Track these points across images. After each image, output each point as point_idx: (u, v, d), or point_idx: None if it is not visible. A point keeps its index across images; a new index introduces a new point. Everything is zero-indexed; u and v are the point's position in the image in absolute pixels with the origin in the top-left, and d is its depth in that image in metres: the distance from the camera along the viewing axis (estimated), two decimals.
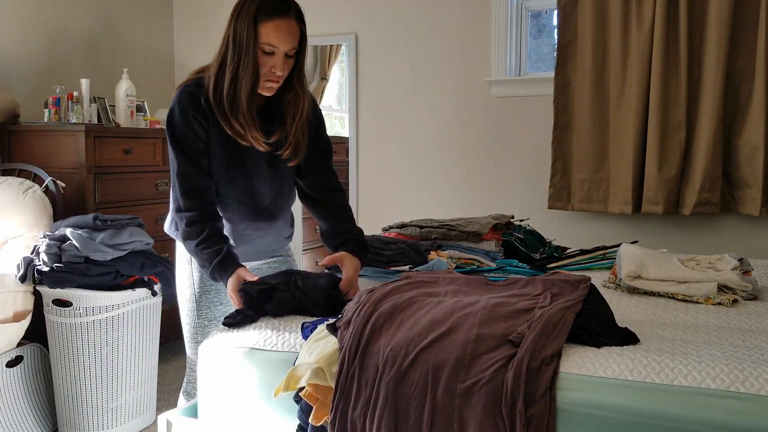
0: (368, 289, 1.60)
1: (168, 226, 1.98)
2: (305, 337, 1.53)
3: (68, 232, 2.44)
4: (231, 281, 1.72)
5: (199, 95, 1.79)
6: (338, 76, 4.33)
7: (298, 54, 1.81)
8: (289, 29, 1.75)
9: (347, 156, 3.92)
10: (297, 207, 2.21)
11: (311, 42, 3.92)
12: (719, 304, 1.81)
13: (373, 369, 1.36)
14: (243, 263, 1.81)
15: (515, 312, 1.46)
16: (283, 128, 1.86)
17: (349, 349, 1.39)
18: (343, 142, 3.89)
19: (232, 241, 1.90)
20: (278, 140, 1.86)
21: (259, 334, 1.57)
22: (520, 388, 1.24)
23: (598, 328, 1.44)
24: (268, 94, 1.82)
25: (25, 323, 2.41)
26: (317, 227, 2.12)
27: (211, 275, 1.76)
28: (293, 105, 1.86)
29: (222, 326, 1.66)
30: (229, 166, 1.85)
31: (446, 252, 2.24)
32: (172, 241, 3.39)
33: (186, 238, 1.80)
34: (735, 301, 1.83)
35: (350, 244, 1.89)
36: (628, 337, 1.44)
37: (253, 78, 1.75)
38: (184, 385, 1.96)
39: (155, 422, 2.64)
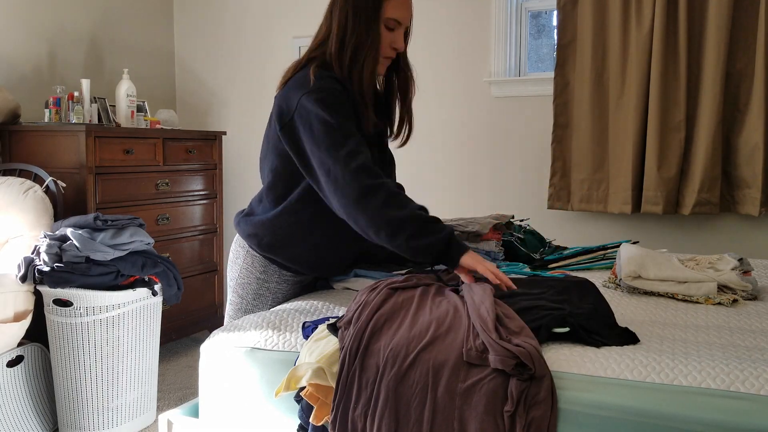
0: (369, 287, 1.60)
1: (243, 233, 1.86)
2: (306, 336, 1.54)
3: (69, 232, 2.44)
4: (473, 257, 1.57)
5: (336, 77, 1.72)
6: None
7: (406, 33, 1.79)
8: (410, 4, 1.74)
9: None
10: None
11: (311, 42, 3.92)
12: (719, 304, 1.81)
13: (374, 369, 1.36)
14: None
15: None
16: (386, 112, 1.83)
17: (349, 350, 1.40)
18: None
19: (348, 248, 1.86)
20: (379, 126, 1.82)
21: (260, 334, 1.58)
22: (522, 389, 1.24)
23: (598, 328, 1.44)
24: (381, 73, 1.80)
25: (26, 323, 2.42)
26: None
27: (447, 247, 1.56)
28: (404, 85, 1.84)
29: (234, 326, 1.66)
30: None
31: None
32: (172, 242, 3.41)
33: (399, 204, 1.58)
34: (735, 301, 1.83)
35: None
36: (628, 337, 1.44)
37: (377, 54, 1.71)
38: None
39: (156, 422, 2.64)
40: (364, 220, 1.60)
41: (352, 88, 1.73)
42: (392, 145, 1.90)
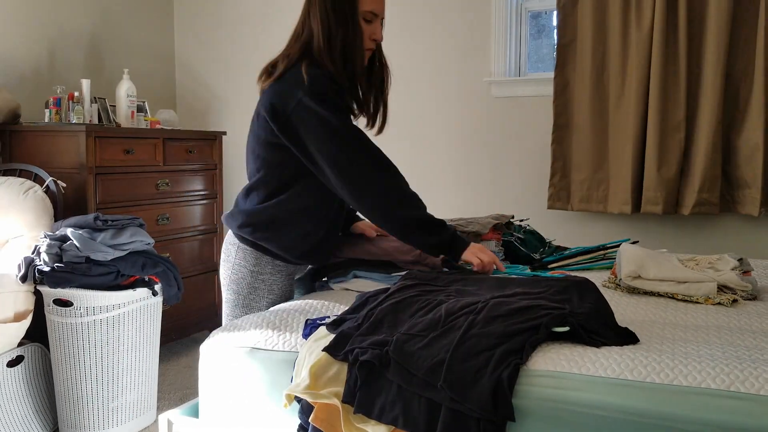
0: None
1: (235, 224, 1.89)
2: (305, 336, 1.54)
3: (69, 232, 2.44)
4: (479, 248, 1.82)
5: (326, 74, 1.78)
6: None
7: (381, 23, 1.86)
8: None
9: None
10: None
11: None
12: (719, 304, 1.81)
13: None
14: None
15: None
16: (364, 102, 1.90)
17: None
18: None
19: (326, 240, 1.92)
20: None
21: (260, 334, 1.58)
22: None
23: (598, 327, 1.44)
24: (365, 65, 1.85)
25: (26, 323, 2.42)
26: None
27: (450, 246, 1.80)
28: (381, 75, 1.90)
29: (233, 326, 1.66)
30: None
31: None
32: (172, 242, 3.41)
33: (413, 206, 1.78)
34: (735, 301, 1.83)
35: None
36: (628, 337, 1.44)
37: (363, 46, 1.79)
38: None
39: (156, 422, 2.65)
40: (378, 218, 1.79)
41: (345, 81, 1.80)
42: (369, 134, 1.93)
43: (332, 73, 1.78)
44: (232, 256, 1.92)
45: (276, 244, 1.87)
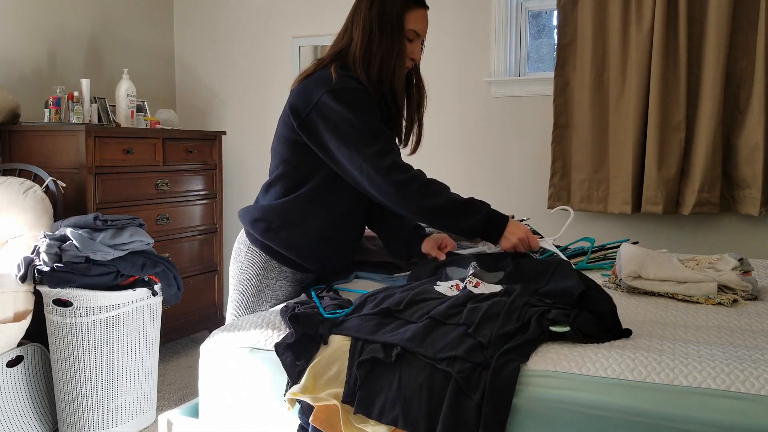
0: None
1: (249, 219, 1.88)
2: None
3: (68, 232, 2.44)
4: (516, 226, 1.74)
5: (357, 79, 1.77)
6: None
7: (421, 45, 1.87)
8: (427, 18, 1.83)
9: None
10: None
11: (311, 42, 3.92)
12: (719, 304, 1.81)
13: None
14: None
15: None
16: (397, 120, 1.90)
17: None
18: None
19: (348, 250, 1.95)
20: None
21: (260, 334, 1.58)
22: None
23: (596, 328, 1.45)
24: None
25: (26, 323, 2.42)
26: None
27: (488, 225, 1.72)
28: (418, 96, 1.91)
29: (234, 328, 1.66)
30: None
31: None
32: (172, 242, 3.41)
33: (434, 193, 1.71)
34: (735, 301, 1.83)
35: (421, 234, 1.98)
36: (623, 332, 1.46)
37: (404, 63, 1.78)
38: None
39: (156, 422, 2.65)
40: (405, 212, 1.74)
41: (382, 94, 1.80)
42: (402, 152, 1.94)
43: (361, 80, 1.78)
44: (241, 256, 1.92)
45: (286, 243, 1.86)
